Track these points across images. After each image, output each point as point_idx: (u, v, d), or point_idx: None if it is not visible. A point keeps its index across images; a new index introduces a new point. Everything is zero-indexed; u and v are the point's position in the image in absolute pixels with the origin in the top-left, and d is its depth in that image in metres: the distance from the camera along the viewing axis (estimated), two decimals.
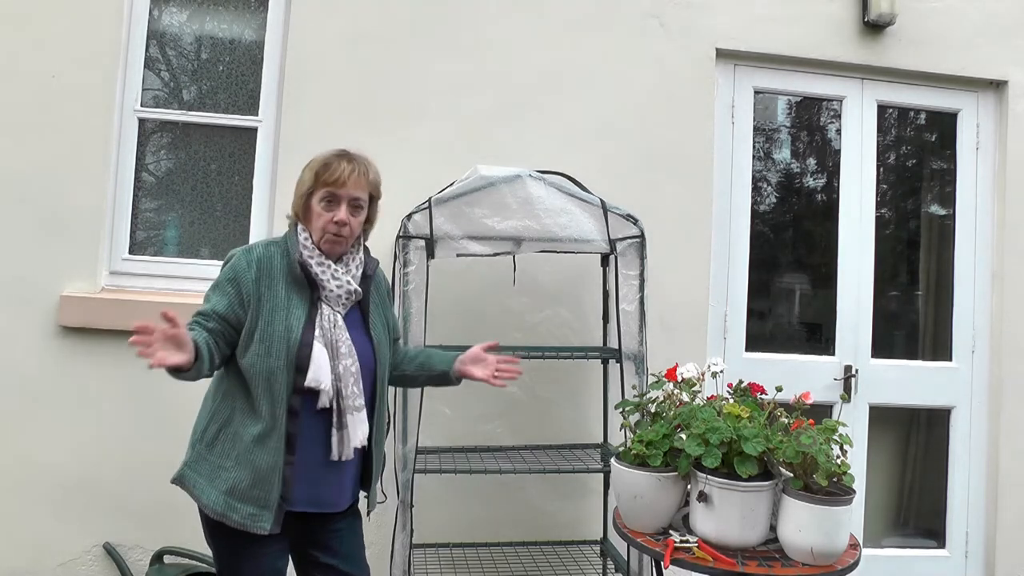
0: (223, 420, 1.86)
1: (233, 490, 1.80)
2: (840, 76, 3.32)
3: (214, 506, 1.81)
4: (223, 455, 1.84)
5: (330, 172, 1.88)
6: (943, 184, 3.51)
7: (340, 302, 1.91)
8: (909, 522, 3.51)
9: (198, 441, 1.90)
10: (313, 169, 1.91)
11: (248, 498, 1.80)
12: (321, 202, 1.89)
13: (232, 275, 1.88)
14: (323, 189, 1.89)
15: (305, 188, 1.92)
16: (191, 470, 1.88)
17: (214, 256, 3.03)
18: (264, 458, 1.80)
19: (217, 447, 1.85)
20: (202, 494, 1.84)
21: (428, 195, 2.62)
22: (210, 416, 1.89)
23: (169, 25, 3.09)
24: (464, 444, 2.88)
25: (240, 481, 1.80)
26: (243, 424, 1.83)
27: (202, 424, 1.91)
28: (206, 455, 1.86)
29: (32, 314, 2.77)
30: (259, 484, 1.80)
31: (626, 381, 2.60)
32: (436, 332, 2.70)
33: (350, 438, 1.86)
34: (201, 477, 1.85)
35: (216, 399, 1.91)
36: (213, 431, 1.86)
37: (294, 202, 1.96)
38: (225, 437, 1.85)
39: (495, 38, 3.05)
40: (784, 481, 1.88)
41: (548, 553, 2.87)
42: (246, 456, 1.81)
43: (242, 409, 1.85)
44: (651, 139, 3.10)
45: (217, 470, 1.83)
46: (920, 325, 3.52)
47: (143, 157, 3.03)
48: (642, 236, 2.67)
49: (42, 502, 2.75)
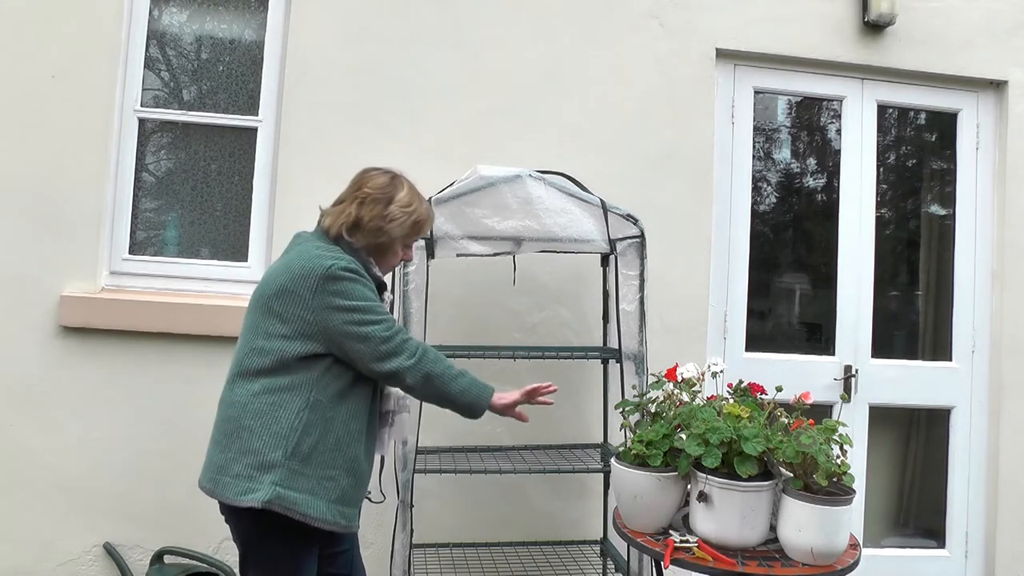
0: (319, 433, 1.83)
1: (343, 497, 1.86)
2: (840, 76, 3.32)
3: (326, 516, 1.82)
4: (327, 466, 1.84)
5: (425, 223, 2.05)
6: (943, 184, 3.51)
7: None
8: (909, 522, 3.52)
9: (288, 458, 1.80)
10: (417, 222, 2.02)
11: (353, 501, 1.90)
12: (405, 248, 2.06)
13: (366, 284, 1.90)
14: (416, 237, 2.07)
15: (397, 233, 1.99)
16: (287, 489, 1.79)
17: (214, 256, 3.03)
18: (367, 462, 1.94)
19: (315, 459, 1.82)
20: (309, 508, 1.80)
21: (428, 195, 2.61)
22: (300, 431, 1.81)
23: (169, 25, 3.09)
24: (464, 444, 2.88)
25: (349, 487, 1.88)
26: (346, 432, 1.87)
27: (290, 441, 1.80)
28: (302, 470, 1.81)
29: (32, 314, 2.77)
30: (361, 486, 1.93)
31: (626, 381, 2.60)
32: (436, 332, 2.70)
33: (398, 433, 2.08)
34: (301, 493, 1.80)
35: (302, 413, 1.82)
36: (309, 445, 1.81)
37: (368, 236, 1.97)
38: (325, 448, 1.83)
39: (495, 38, 3.05)
40: (784, 481, 1.88)
41: (548, 553, 2.87)
42: (354, 463, 1.88)
43: (343, 419, 1.87)
44: (651, 139, 3.10)
45: (322, 481, 1.83)
46: (920, 325, 3.52)
47: (143, 157, 3.03)
48: (642, 236, 2.67)
49: (42, 502, 2.75)
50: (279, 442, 1.80)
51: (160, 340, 2.80)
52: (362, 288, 1.87)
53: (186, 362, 2.80)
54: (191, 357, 2.80)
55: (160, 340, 2.80)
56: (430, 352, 1.92)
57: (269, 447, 1.80)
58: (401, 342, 1.88)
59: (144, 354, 2.80)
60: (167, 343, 2.80)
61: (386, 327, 1.87)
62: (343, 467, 1.85)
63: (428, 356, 1.90)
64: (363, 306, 1.86)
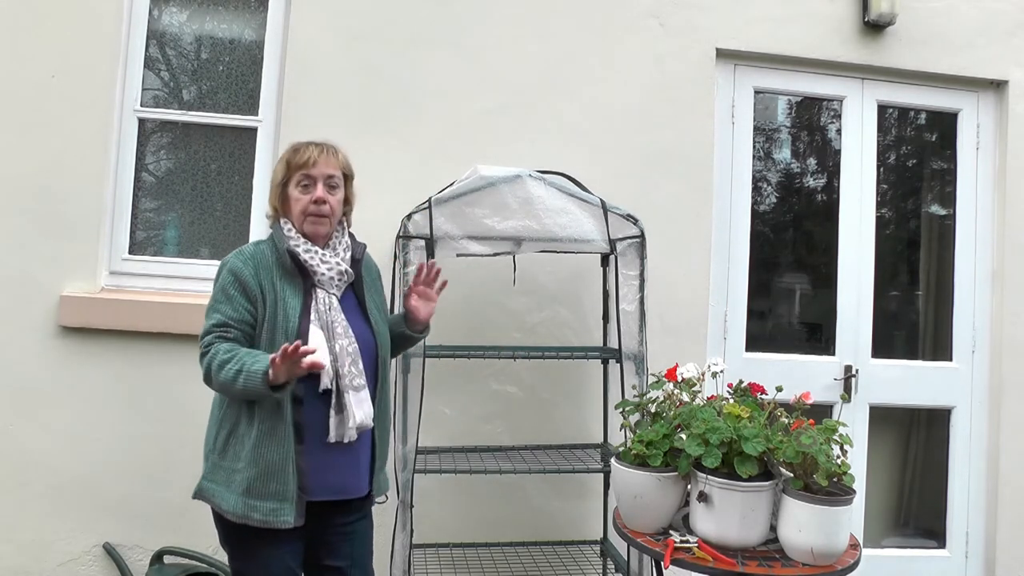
0: (231, 425, 1.87)
1: (249, 489, 1.82)
2: (840, 76, 3.32)
3: (234, 509, 1.82)
4: (234, 458, 1.85)
5: (299, 155, 1.97)
6: (943, 184, 3.51)
7: (334, 284, 1.96)
8: (909, 522, 3.51)
9: (211, 452, 1.91)
10: (284, 159, 2.00)
11: (266, 494, 1.82)
12: (297, 187, 1.96)
13: (233, 278, 1.89)
14: (297, 173, 1.97)
15: (280, 178, 1.99)
16: (208, 481, 1.90)
17: (214, 256, 3.03)
18: (274, 451, 1.82)
19: (229, 452, 1.87)
20: (222, 501, 1.85)
21: (428, 195, 2.62)
22: (218, 424, 1.91)
23: (169, 25, 3.09)
24: (464, 444, 2.88)
25: (254, 479, 1.82)
26: (250, 423, 1.84)
27: (212, 434, 1.92)
28: (219, 463, 1.88)
29: (32, 314, 2.77)
30: (274, 477, 1.82)
31: (626, 381, 2.60)
32: (436, 332, 2.69)
33: (351, 417, 1.86)
34: (219, 485, 1.87)
35: (222, 407, 1.92)
36: (223, 438, 1.88)
37: (271, 198, 2.03)
38: (235, 441, 1.86)
39: (495, 38, 3.05)
40: (784, 481, 1.88)
41: (548, 553, 2.87)
42: (255, 453, 1.82)
43: (247, 410, 1.85)
44: (651, 139, 3.10)
45: (232, 474, 1.85)
46: (920, 325, 3.52)
47: (143, 157, 3.03)
48: (642, 236, 2.67)
49: (42, 502, 2.75)
50: (210, 437, 1.94)
51: (160, 340, 2.79)
52: (225, 275, 1.91)
53: (186, 362, 2.78)
54: (191, 357, 2.73)
55: (160, 340, 2.79)
56: (213, 368, 1.81)
57: (206, 442, 1.94)
58: (200, 355, 1.86)
59: (144, 354, 2.80)
60: (167, 343, 2.80)
61: (202, 329, 1.88)
62: (247, 459, 1.83)
63: (211, 376, 1.83)
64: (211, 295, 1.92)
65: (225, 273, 1.91)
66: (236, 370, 1.76)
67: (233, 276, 1.89)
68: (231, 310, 1.87)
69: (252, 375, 1.73)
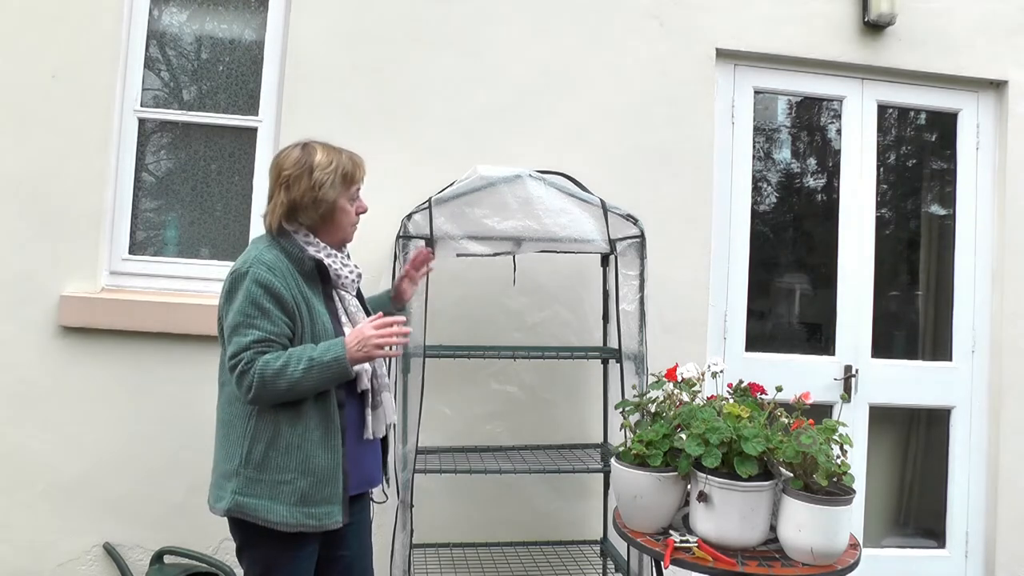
0: (269, 437, 1.83)
1: (304, 499, 1.83)
2: (840, 76, 3.32)
3: (288, 519, 1.81)
4: (279, 470, 1.82)
5: (354, 170, 1.98)
6: (943, 184, 3.51)
7: (352, 286, 2.01)
8: (909, 522, 3.52)
9: (242, 466, 1.83)
10: (342, 174, 1.94)
11: (320, 500, 1.84)
12: (351, 201, 1.99)
13: (263, 291, 1.81)
14: (353, 188, 1.99)
15: (333, 195, 1.92)
16: (245, 496, 1.82)
17: (214, 256, 3.03)
18: (327, 457, 1.85)
19: (270, 464, 1.82)
20: (269, 513, 1.81)
21: (428, 195, 2.62)
22: (250, 439, 1.83)
23: (169, 25, 3.09)
24: (464, 444, 2.88)
25: (309, 488, 1.83)
26: (295, 433, 1.83)
27: (241, 449, 1.84)
28: (258, 476, 1.82)
29: (32, 314, 2.77)
30: (327, 483, 1.85)
31: (626, 381, 2.60)
32: (436, 332, 2.70)
33: (384, 415, 1.99)
34: (261, 499, 1.82)
35: (249, 421, 1.84)
36: (260, 451, 1.82)
37: (309, 212, 1.92)
38: (277, 453, 1.83)
39: (495, 38, 3.05)
40: (784, 481, 1.88)
41: (548, 553, 2.87)
42: (308, 462, 1.83)
43: (288, 420, 1.83)
44: (651, 139, 3.10)
45: (278, 486, 1.82)
46: (920, 325, 3.52)
47: (143, 157, 3.03)
48: (642, 236, 2.67)
49: (42, 502, 2.75)
50: (235, 451, 1.85)
51: (160, 340, 2.80)
52: (253, 288, 1.80)
53: (186, 362, 2.80)
54: (191, 357, 2.79)
55: (160, 340, 2.80)
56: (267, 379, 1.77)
57: (229, 456, 1.87)
58: (239, 375, 1.78)
59: (144, 354, 2.80)
60: (167, 343, 2.80)
61: (235, 346, 1.79)
62: (297, 469, 1.82)
63: (265, 388, 1.77)
64: (237, 309, 1.81)
65: (253, 287, 1.81)
66: (304, 367, 1.77)
67: (263, 289, 1.81)
68: (270, 325, 1.80)
69: (331, 364, 1.78)
